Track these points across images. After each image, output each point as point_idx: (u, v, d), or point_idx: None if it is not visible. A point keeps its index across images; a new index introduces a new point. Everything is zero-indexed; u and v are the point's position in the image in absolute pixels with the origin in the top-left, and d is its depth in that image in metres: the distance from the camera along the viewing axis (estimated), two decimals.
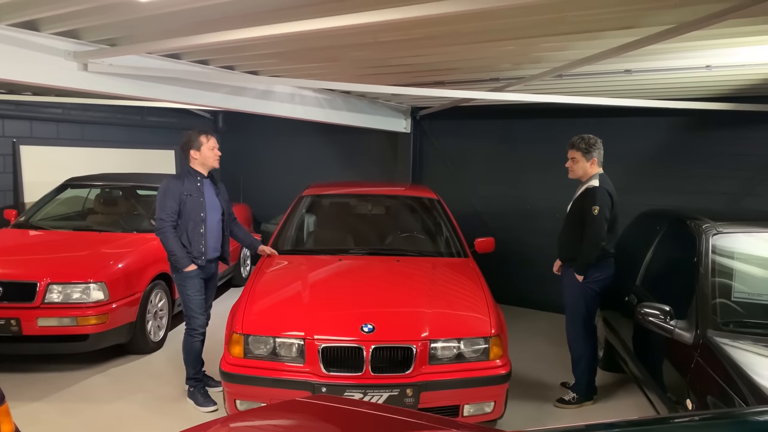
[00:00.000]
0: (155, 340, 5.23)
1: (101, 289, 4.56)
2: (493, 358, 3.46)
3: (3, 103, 6.77)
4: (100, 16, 3.21)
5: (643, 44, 3.29)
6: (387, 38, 3.59)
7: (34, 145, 7.24)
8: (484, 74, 4.98)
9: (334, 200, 5.82)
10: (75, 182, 6.30)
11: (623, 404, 4.37)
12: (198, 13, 3.05)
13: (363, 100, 6.70)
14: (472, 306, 3.76)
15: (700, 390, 2.82)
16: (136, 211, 6.13)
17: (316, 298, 3.76)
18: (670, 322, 3.14)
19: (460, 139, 7.55)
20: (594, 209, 3.93)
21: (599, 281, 4.11)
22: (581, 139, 4.11)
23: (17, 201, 7.05)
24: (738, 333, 2.97)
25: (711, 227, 3.51)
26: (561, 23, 3.18)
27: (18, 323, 4.37)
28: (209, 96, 4.75)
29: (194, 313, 4.11)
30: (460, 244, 4.84)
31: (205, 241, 4.09)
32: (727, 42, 3.52)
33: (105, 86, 3.97)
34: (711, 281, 3.22)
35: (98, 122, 7.95)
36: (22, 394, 4.19)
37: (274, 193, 8.68)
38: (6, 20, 3.30)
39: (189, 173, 4.13)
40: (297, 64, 4.62)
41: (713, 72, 4.37)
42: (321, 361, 3.33)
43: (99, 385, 4.50)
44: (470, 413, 3.45)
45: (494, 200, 7.29)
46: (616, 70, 4.54)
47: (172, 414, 4.06)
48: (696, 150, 5.97)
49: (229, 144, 8.71)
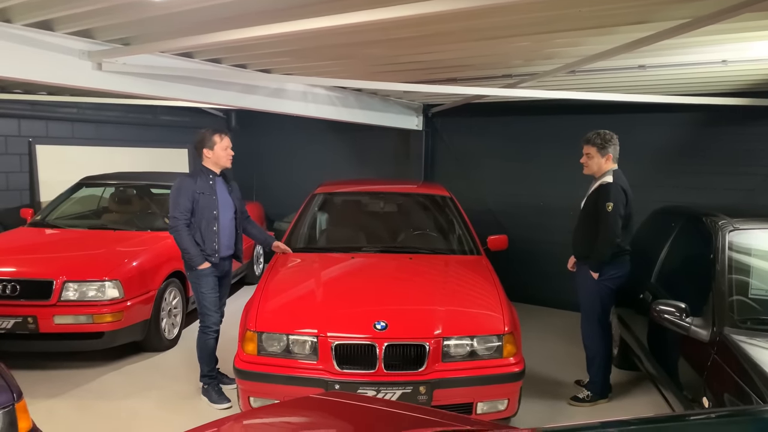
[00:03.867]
0: (169, 338, 5.27)
1: (116, 287, 4.60)
2: (506, 356, 3.45)
3: (19, 103, 6.85)
4: (114, 15, 3.24)
5: (657, 39, 3.26)
6: (399, 35, 3.58)
7: (49, 144, 7.33)
8: (497, 71, 4.96)
9: (346, 198, 5.82)
10: (90, 181, 6.35)
11: (638, 402, 4.33)
12: (210, 11, 3.07)
13: (375, 98, 6.69)
14: (485, 303, 3.75)
15: (717, 388, 2.79)
16: (150, 209, 6.18)
17: (329, 295, 3.76)
18: (686, 320, 3.11)
19: (473, 136, 7.51)
20: (608, 206, 3.89)
21: (615, 279, 4.08)
22: (597, 135, 4.07)
23: (33, 200, 7.14)
24: (755, 330, 2.93)
25: (727, 223, 3.47)
26: (574, 19, 3.16)
27: (35, 321, 4.43)
28: (222, 94, 4.77)
29: (208, 311, 4.14)
30: (472, 242, 4.82)
31: (218, 238, 4.11)
32: (744, 36, 3.48)
33: (119, 85, 4.00)
34: (728, 278, 3.19)
35: (112, 121, 8.02)
36: (39, 391, 4.24)
37: (286, 191, 8.69)
38: (21, 20, 3.33)
39: (202, 171, 4.15)
40: (309, 62, 4.63)
41: (729, 67, 4.32)
42: (334, 358, 3.33)
43: (114, 382, 4.54)
44: (483, 411, 3.44)
45: (507, 197, 7.24)
46: (630, 66, 4.50)
47: (186, 411, 4.09)
48: (712, 146, 5.91)
49: (242, 142, 8.71)
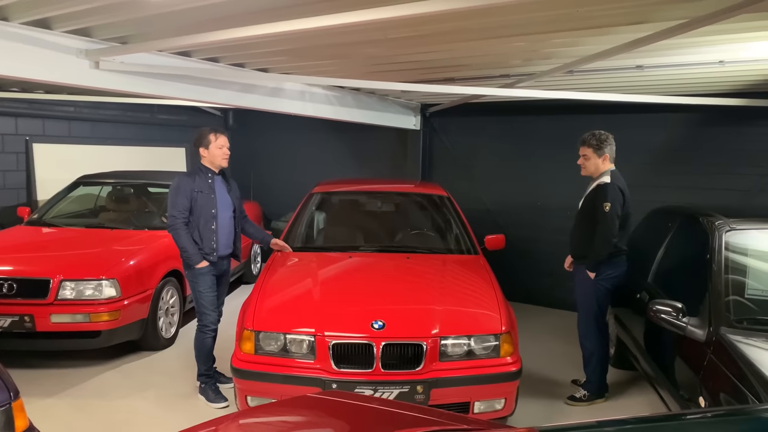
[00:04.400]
0: (167, 337, 5.27)
1: (113, 286, 4.60)
2: (503, 355, 3.45)
3: (16, 102, 6.84)
4: (112, 14, 3.23)
5: (655, 39, 3.27)
6: (397, 35, 3.58)
7: (46, 143, 7.31)
8: (495, 70, 4.97)
9: (343, 197, 5.82)
10: (87, 180, 6.34)
11: (635, 402, 4.35)
12: (208, 10, 3.06)
13: (372, 97, 6.69)
14: (482, 303, 3.76)
15: (713, 387, 2.80)
16: (148, 208, 6.17)
17: (326, 294, 3.77)
18: (683, 320, 3.12)
19: (470, 135, 7.52)
20: (605, 206, 3.90)
21: (611, 278, 4.09)
22: (592, 136, 4.08)
23: (30, 198, 7.12)
24: (751, 330, 2.95)
25: (724, 224, 3.48)
26: (571, 19, 3.16)
27: (32, 319, 4.42)
28: (219, 93, 4.77)
29: (206, 310, 4.14)
30: (470, 242, 4.83)
31: (216, 237, 4.11)
32: (741, 37, 3.50)
33: (116, 84, 3.99)
34: (724, 278, 3.20)
35: (109, 120, 8.01)
36: (36, 390, 4.23)
37: (284, 190, 8.70)
38: (18, 19, 3.32)
39: (200, 170, 4.14)
40: (307, 61, 4.63)
41: (726, 67, 4.33)
42: (331, 357, 3.33)
43: (111, 381, 4.54)
44: (481, 410, 3.44)
45: (504, 197, 7.25)
46: (628, 66, 4.51)
47: (183, 410, 4.08)
48: (709, 146, 5.92)
49: (240, 141, 8.73)
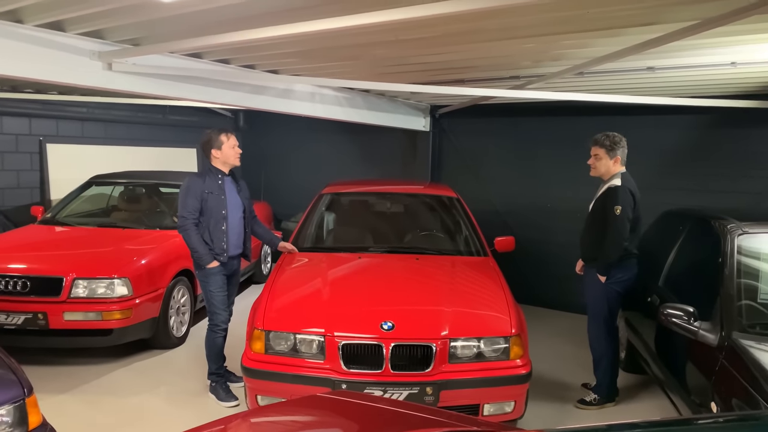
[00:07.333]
0: (178, 336, 5.30)
1: (125, 285, 4.64)
2: (513, 358, 3.44)
3: (30, 103, 6.92)
4: (124, 16, 3.27)
5: (666, 41, 3.25)
6: (407, 36, 3.58)
7: (60, 143, 7.41)
8: (504, 72, 4.96)
9: (353, 198, 5.83)
10: (99, 180, 6.39)
11: (645, 406, 4.32)
12: (219, 12, 3.09)
13: (382, 99, 6.70)
14: (492, 305, 3.75)
15: (725, 392, 2.78)
16: (159, 208, 6.22)
17: (336, 295, 3.77)
18: (694, 324, 3.09)
19: (480, 137, 7.50)
20: (616, 209, 3.88)
21: (622, 282, 4.07)
22: (606, 136, 4.05)
23: (44, 198, 7.20)
24: (764, 335, 2.91)
25: (736, 227, 3.44)
26: (582, 20, 3.15)
27: (45, 317, 4.47)
28: (230, 95, 4.80)
29: (217, 309, 4.16)
30: (479, 243, 4.82)
31: (226, 238, 4.13)
32: (753, 38, 3.46)
33: (129, 85, 4.03)
34: (736, 282, 3.17)
35: (122, 121, 8.08)
36: (49, 386, 4.27)
37: (294, 191, 8.72)
38: (32, 21, 3.37)
39: (210, 171, 4.17)
40: (317, 62, 4.65)
41: (738, 69, 4.29)
42: (341, 357, 3.34)
43: (123, 379, 4.57)
44: (490, 413, 3.43)
45: (514, 199, 7.23)
46: (639, 68, 4.48)
47: (193, 408, 4.11)
48: (721, 148, 5.86)
49: (250, 142, 8.77)
